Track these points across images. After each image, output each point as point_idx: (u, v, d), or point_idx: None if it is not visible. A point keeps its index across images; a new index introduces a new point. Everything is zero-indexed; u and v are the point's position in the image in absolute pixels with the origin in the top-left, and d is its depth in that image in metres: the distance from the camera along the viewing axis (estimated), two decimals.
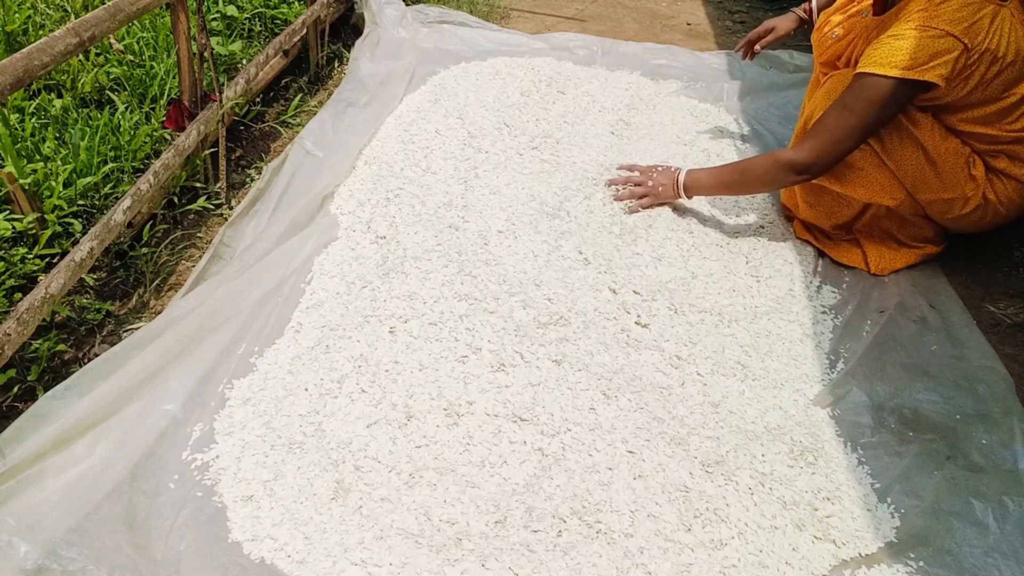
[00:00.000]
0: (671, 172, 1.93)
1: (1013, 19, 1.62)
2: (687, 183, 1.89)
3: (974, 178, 1.75)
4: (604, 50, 3.01)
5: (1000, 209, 1.78)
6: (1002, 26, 1.59)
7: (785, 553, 1.24)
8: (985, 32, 1.57)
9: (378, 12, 3.00)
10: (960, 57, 1.57)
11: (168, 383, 1.46)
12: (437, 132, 2.35)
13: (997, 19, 1.59)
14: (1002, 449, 1.42)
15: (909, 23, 1.59)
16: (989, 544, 1.26)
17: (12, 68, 1.33)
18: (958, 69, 1.58)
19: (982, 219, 1.81)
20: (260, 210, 2.01)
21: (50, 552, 1.16)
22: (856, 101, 1.61)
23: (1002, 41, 1.59)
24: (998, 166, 1.75)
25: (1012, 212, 1.80)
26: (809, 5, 2.15)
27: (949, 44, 1.55)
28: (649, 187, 1.94)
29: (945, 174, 1.73)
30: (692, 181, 1.89)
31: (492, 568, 1.19)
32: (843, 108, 1.63)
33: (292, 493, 1.29)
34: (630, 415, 1.44)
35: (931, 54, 1.56)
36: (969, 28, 1.56)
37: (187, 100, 2.02)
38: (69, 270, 1.53)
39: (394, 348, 1.54)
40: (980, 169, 1.75)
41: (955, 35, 1.55)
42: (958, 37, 1.55)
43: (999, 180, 1.76)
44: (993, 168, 1.76)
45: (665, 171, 1.95)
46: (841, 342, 1.69)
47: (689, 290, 1.77)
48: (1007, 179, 1.76)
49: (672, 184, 1.91)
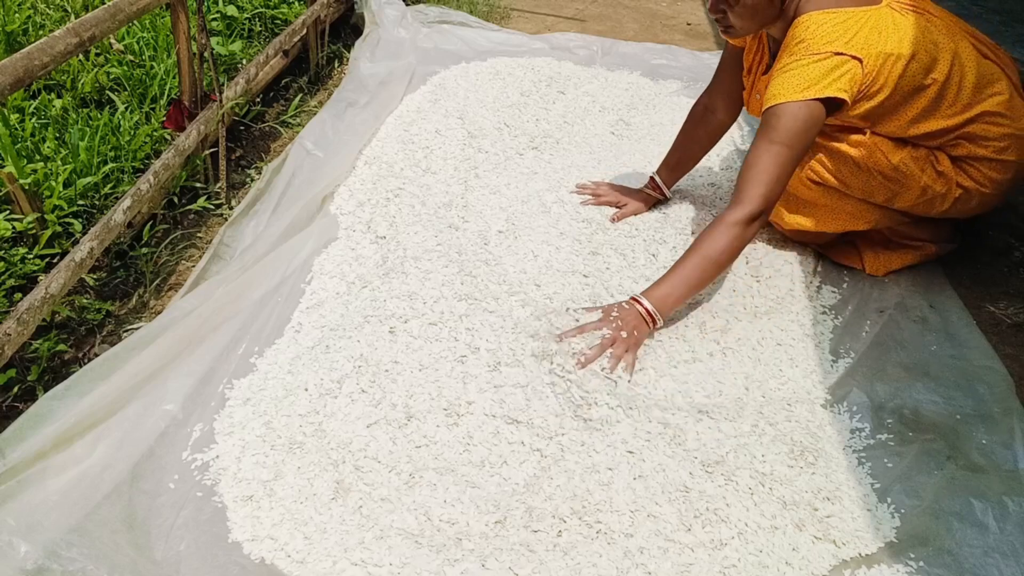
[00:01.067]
0: (632, 309, 1.60)
1: (896, 12, 1.63)
2: (656, 307, 1.59)
3: (942, 174, 1.73)
4: (604, 50, 3.01)
5: (984, 190, 1.75)
6: (885, 26, 1.60)
7: (785, 553, 1.24)
8: (867, 39, 1.57)
9: (378, 12, 3.00)
10: (857, 69, 1.57)
11: (168, 383, 1.46)
12: (437, 132, 2.35)
13: (876, 22, 1.59)
14: (1002, 449, 1.42)
15: (792, 56, 1.60)
16: (989, 544, 1.26)
17: (12, 68, 1.33)
18: (860, 81, 1.59)
19: (970, 205, 1.78)
20: (260, 210, 2.01)
21: (50, 552, 1.16)
22: (779, 134, 1.58)
23: (891, 39, 1.59)
24: (960, 154, 1.73)
25: (998, 189, 1.77)
26: (655, 183, 2.05)
27: (837, 61, 1.56)
28: (624, 338, 1.56)
29: (910, 182, 1.73)
30: (660, 302, 1.59)
31: (492, 568, 1.19)
32: (770, 144, 1.59)
33: (292, 493, 1.29)
34: (630, 415, 1.44)
35: (821, 74, 1.56)
36: (850, 42, 1.57)
37: (187, 100, 2.02)
38: (69, 270, 1.53)
39: (394, 348, 1.54)
40: (945, 163, 1.74)
41: (840, 52, 1.56)
42: (843, 53, 1.56)
43: (968, 166, 1.74)
44: (957, 157, 1.74)
45: (623, 311, 1.60)
46: (841, 342, 1.69)
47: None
48: (975, 162, 1.74)
49: (640, 318, 1.59)
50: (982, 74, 1.69)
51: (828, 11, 1.60)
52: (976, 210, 1.82)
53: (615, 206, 2.03)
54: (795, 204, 1.84)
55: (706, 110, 2.00)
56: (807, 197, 1.82)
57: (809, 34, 1.59)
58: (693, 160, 2.06)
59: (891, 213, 1.80)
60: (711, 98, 1.99)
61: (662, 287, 1.60)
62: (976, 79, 1.68)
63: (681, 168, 2.05)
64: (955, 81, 1.66)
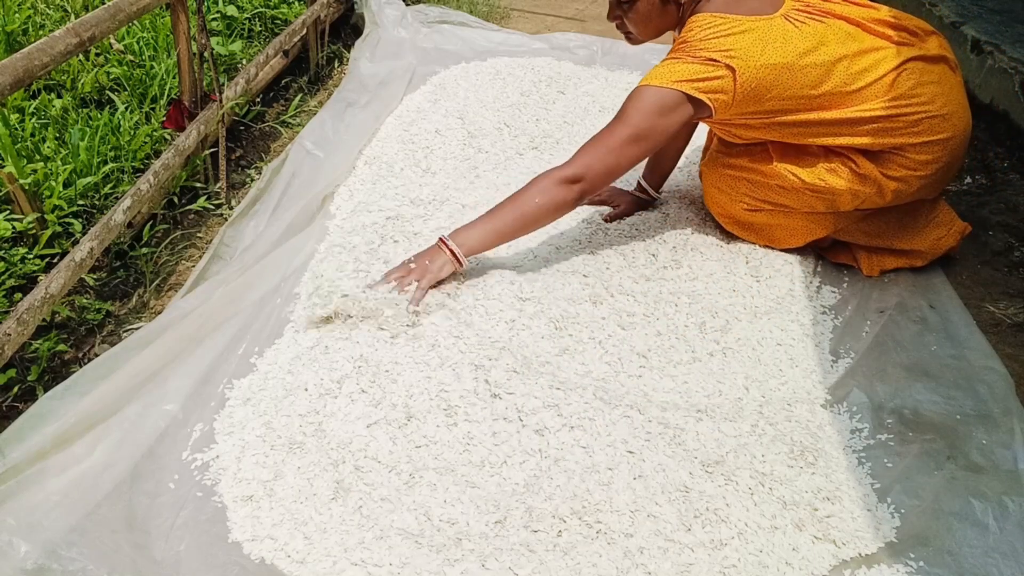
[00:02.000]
0: (434, 247, 1.65)
1: (788, 23, 1.63)
2: (458, 243, 1.62)
3: (865, 176, 1.71)
4: (604, 50, 3.01)
5: (919, 174, 1.71)
6: (773, 38, 1.60)
7: (785, 553, 1.24)
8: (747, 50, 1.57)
9: (378, 12, 3.00)
10: (727, 80, 1.58)
11: (168, 383, 1.46)
12: (437, 132, 2.35)
13: (764, 33, 1.60)
14: (1002, 449, 1.42)
15: (672, 55, 1.63)
16: (989, 544, 1.26)
17: (12, 68, 1.33)
18: (732, 91, 1.59)
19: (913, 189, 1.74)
20: (260, 210, 2.01)
21: (50, 552, 1.16)
22: (628, 113, 1.60)
23: (776, 52, 1.59)
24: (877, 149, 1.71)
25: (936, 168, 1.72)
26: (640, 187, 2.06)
27: (709, 67, 1.57)
28: (416, 271, 1.62)
29: (836, 191, 1.73)
30: (463, 239, 1.62)
31: (492, 568, 1.19)
32: (617, 121, 1.62)
33: (292, 493, 1.29)
34: (630, 415, 1.44)
35: (691, 73, 1.58)
36: (729, 51, 1.57)
37: (187, 100, 2.02)
38: (69, 270, 1.53)
39: (394, 348, 1.54)
40: (865, 165, 1.71)
41: (713, 59, 1.58)
42: (717, 60, 1.57)
43: (892, 157, 1.71)
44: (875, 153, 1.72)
45: (425, 251, 1.66)
46: (841, 342, 1.69)
47: (688, 290, 1.77)
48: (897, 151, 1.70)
49: (443, 254, 1.62)
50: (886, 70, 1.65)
51: (717, 15, 1.61)
52: (931, 190, 1.79)
53: (608, 205, 2.04)
54: (754, 230, 1.89)
55: None
56: (758, 222, 1.86)
57: (692, 35, 1.61)
58: (670, 160, 2.07)
59: (845, 213, 1.81)
60: None
61: (470, 230, 1.64)
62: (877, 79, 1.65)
63: (660, 168, 2.06)
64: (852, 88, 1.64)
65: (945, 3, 2.97)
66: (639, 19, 1.69)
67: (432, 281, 1.62)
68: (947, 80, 1.72)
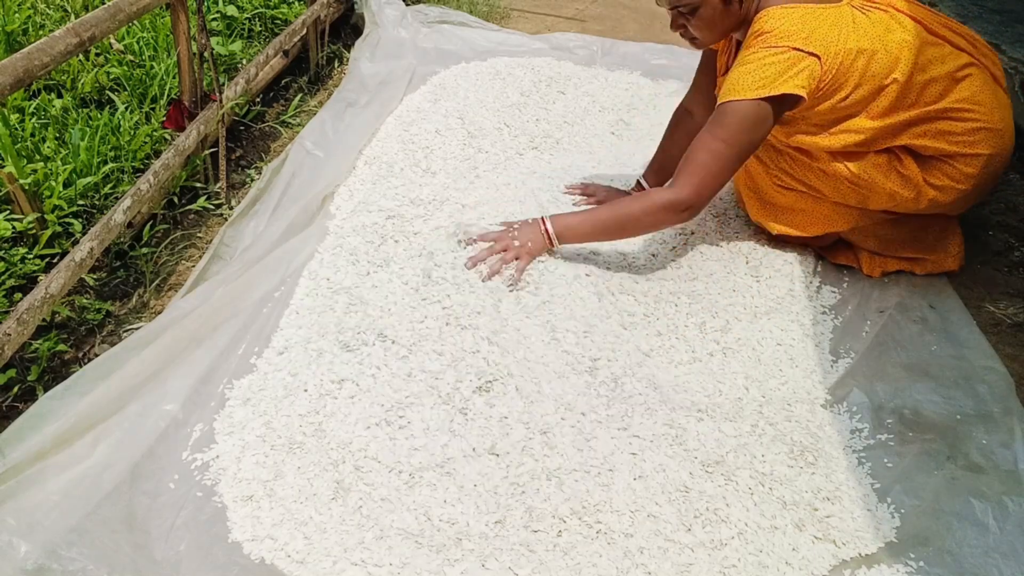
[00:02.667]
0: (534, 224, 1.72)
1: (856, 11, 1.63)
2: (557, 231, 1.69)
3: (908, 179, 1.72)
4: (604, 50, 3.00)
5: (960, 187, 1.72)
6: (844, 24, 1.60)
7: (785, 553, 1.24)
8: (826, 36, 1.57)
9: (378, 12, 3.00)
10: (815, 66, 1.56)
11: (168, 383, 1.46)
12: (437, 132, 2.35)
13: (836, 19, 1.59)
14: (1002, 449, 1.42)
15: (749, 49, 1.60)
16: (989, 544, 1.26)
17: (12, 68, 1.33)
18: (819, 78, 1.58)
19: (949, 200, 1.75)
20: (260, 210, 2.01)
21: (50, 552, 1.16)
22: (724, 130, 1.59)
23: (851, 37, 1.59)
24: (928, 154, 1.71)
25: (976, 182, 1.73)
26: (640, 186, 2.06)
27: (795, 57, 1.56)
28: (516, 247, 1.68)
29: (876, 188, 1.73)
30: (563, 228, 1.69)
31: (492, 568, 1.19)
32: (712, 140, 1.61)
33: (292, 493, 1.29)
34: (630, 415, 1.44)
35: (779, 71, 1.56)
36: (809, 38, 1.56)
37: (187, 100, 2.02)
38: (69, 270, 1.53)
39: (394, 348, 1.54)
40: (911, 167, 1.72)
41: (798, 48, 1.56)
42: (801, 49, 1.56)
43: (939, 165, 1.71)
44: (925, 157, 1.72)
45: (526, 225, 1.72)
46: (841, 342, 1.69)
47: (688, 290, 1.77)
48: (947, 159, 1.71)
49: (540, 234, 1.70)
50: (950, 69, 1.67)
51: (787, 6, 1.60)
52: (960, 206, 1.80)
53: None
54: (774, 211, 1.87)
55: (685, 113, 2.01)
56: (783, 203, 1.85)
57: (768, 27, 1.59)
58: (675, 162, 2.06)
59: (870, 212, 1.80)
60: (689, 101, 2.00)
61: (571, 219, 1.71)
62: (943, 74, 1.66)
63: (664, 171, 2.05)
64: (918, 80, 1.65)
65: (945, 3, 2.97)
66: (703, 25, 1.66)
67: (529, 262, 1.70)
68: (1001, 97, 1.73)
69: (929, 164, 1.73)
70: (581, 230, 1.71)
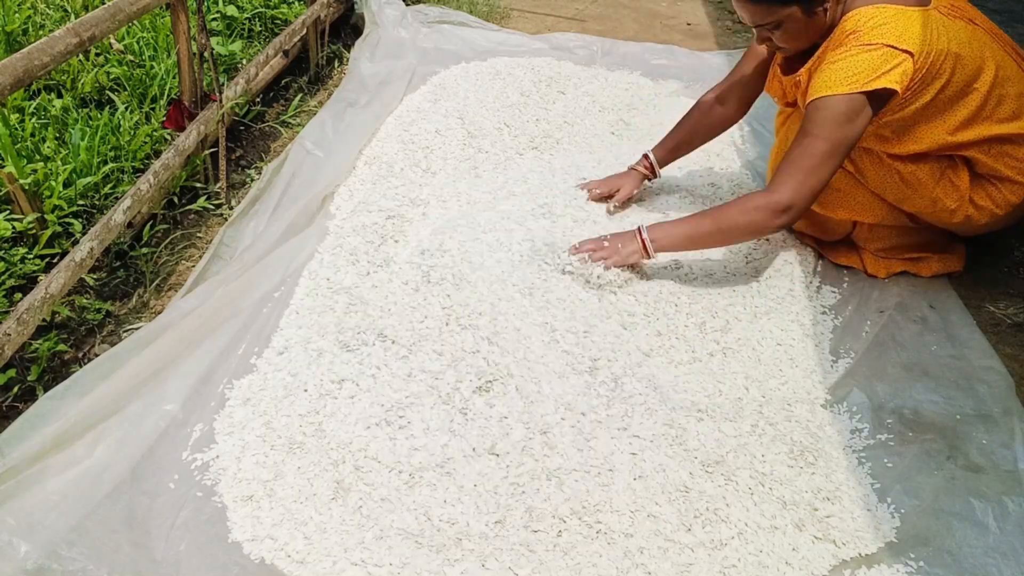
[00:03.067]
0: (631, 232, 1.72)
1: (943, 16, 1.62)
2: (653, 238, 1.69)
3: (956, 188, 1.72)
4: (604, 50, 3.01)
5: (997, 212, 1.74)
6: (935, 26, 1.59)
7: (785, 553, 1.24)
8: (919, 35, 1.55)
9: (378, 12, 3.00)
10: (908, 64, 1.55)
11: (168, 383, 1.46)
12: (437, 132, 2.35)
13: (927, 21, 1.58)
14: (1002, 449, 1.42)
15: (843, 48, 1.58)
16: (989, 544, 1.26)
17: (12, 68, 1.33)
18: (912, 75, 1.56)
19: (979, 223, 1.77)
20: (260, 210, 2.01)
21: (50, 552, 1.16)
22: (818, 127, 1.57)
23: (941, 38, 1.58)
24: (983, 171, 1.72)
25: (1012, 212, 1.76)
26: (648, 161, 2.05)
27: (888, 54, 1.54)
28: (607, 249, 1.71)
29: (921, 190, 1.72)
30: (660, 237, 1.69)
31: (492, 568, 1.19)
32: (808, 137, 1.58)
33: (292, 493, 1.29)
34: (630, 415, 1.44)
35: (873, 66, 1.54)
36: (902, 36, 1.55)
37: (187, 100, 2.02)
38: (69, 270, 1.53)
39: (394, 348, 1.54)
40: (963, 179, 1.72)
41: (892, 45, 1.54)
42: (895, 46, 1.54)
43: (988, 184, 1.73)
44: (979, 173, 1.73)
45: (623, 233, 1.74)
46: (841, 342, 1.69)
47: (688, 290, 1.77)
48: (997, 182, 1.72)
49: (636, 243, 1.70)
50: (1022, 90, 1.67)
51: (878, 6, 1.58)
52: (983, 230, 1.82)
53: (609, 197, 2.02)
54: None
55: (716, 100, 1.99)
56: None
57: (859, 26, 1.57)
58: (690, 147, 2.06)
59: (899, 213, 1.80)
60: (725, 90, 1.98)
61: (666, 228, 1.71)
62: (1017, 93, 1.66)
63: (677, 152, 2.05)
64: (996, 93, 1.65)
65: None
66: (789, 37, 1.64)
67: (619, 264, 1.71)
68: None
69: (978, 181, 1.73)
70: (678, 238, 1.69)
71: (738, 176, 2.23)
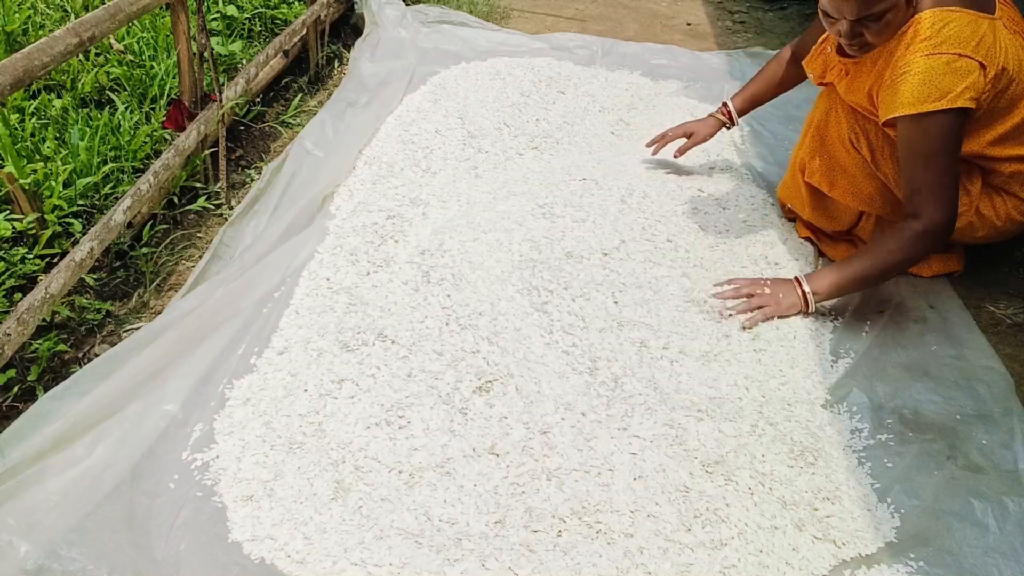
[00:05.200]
0: (788, 281, 1.71)
1: (1006, 30, 1.60)
2: (814, 291, 1.67)
3: (967, 192, 1.71)
4: (604, 50, 3.01)
5: (998, 224, 1.74)
6: (1002, 39, 1.57)
7: (785, 553, 1.24)
8: (991, 47, 1.53)
9: (378, 12, 3.00)
10: (980, 77, 1.52)
11: (168, 383, 1.46)
12: (437, 132, 2.35)
13: (995, 33, 1.56)
14: (1002, 449, 1.42)
15: (917, 53, 1.54)
16: (989, 544, 1.26)
17: (12, 68, 1.33)
18: (981, 89, 1.54)
19: (978, 234, 1.77)
20: (260, 210, 2.01)
21: (50, 552, 1.16)
22: (930, 144, 1.54)
23: (1002, 54, 1.56)
24: (996, 182, 1.71)
25: (1013, 228, 1.75)
26: (726, 109, 2.07)
27: (966, 65, 1.51)
28: (766, 297, 1.69)
29: None
30: (820, 289, 1.67)
31: (492, 568, 1.19)
32: (921, 157, 1.55)
33: (292, 493, 1.29)
34: (630, 415, 1.44)
35: (954, 80, 1.51)
36: (977, 46, 1.52)
37: (187, 100, 2.02)
38: (69, 270, 1.53)
39: (394, 348, 1.54)
40: (976, 185, 1.72)
41: (968, 55, 1.51)
42: (972, 57, 1.51)
43: (997, 195, 1.72)
44: (992, 184, 1.72)
45: (779, 281, 1.72)
46: (841, 342, 1.69)
47: (688, 290, 1.77)
48: (1006, 195, 1.72)
49: (795, 295, 1.69)
50: None
51: (950, 9, 1.54)
52: (978, 241, 1.81)
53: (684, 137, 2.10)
54: (827, 163, 1.82)
55: (795, 56, 2.00)
56: (840, 159, 1.79)
57: (934, 31, 1.53)
58: (768, 95, 2.09)
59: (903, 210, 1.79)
60: (801, 47, 1.97)
61: (826, 276, 1.68)
62: None
63: (754, 102, 2.08)
64: None
65: None
66: (884, 28, 1.58)
67: (774, 316, 1.68)
68: None
69: (988, 191, 1.73)
70: (839, 283, 1.66)
71: (738, 176, 2.23)
